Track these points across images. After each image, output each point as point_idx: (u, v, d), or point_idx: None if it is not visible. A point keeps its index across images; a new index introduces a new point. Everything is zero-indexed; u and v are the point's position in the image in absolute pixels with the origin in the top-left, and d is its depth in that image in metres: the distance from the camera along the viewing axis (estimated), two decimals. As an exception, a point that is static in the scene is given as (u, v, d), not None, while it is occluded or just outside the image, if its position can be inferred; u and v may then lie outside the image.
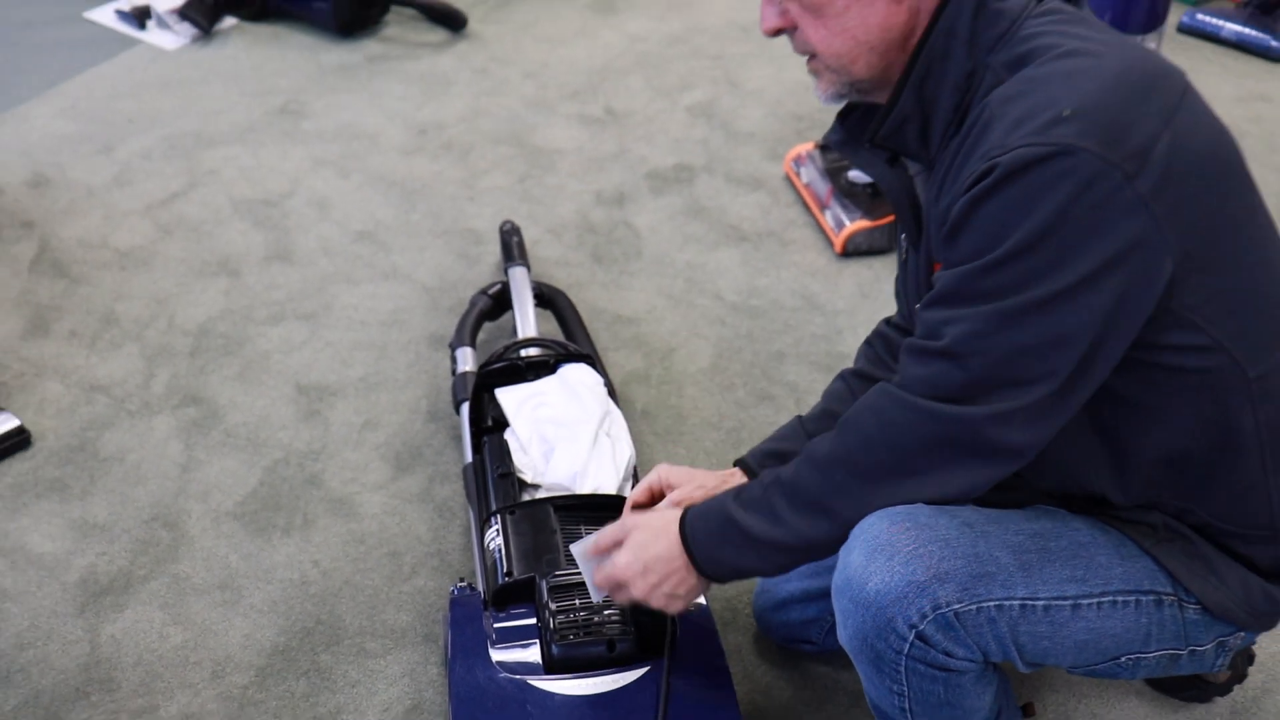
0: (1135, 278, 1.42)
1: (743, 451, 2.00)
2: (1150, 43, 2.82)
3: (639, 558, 1.72)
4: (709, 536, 1.68)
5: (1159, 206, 1.39)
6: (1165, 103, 1.43)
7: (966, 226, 1.46)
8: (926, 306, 1.53)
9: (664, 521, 1.73)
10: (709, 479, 1.91)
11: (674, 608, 1.76)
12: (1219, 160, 1.48)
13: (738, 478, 1.93)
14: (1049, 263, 1.40)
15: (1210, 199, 1.45)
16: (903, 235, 1.79)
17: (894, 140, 1.63)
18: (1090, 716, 2.10)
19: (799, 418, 1.99)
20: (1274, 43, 4.03)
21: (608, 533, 1.79)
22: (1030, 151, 1.38)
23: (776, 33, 1.64)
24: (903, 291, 1.87)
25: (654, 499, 1.92)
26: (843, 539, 1.59)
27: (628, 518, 1.81)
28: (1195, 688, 2.10)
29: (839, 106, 1.73)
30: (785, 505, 1.61)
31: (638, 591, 1.73)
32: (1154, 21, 2.79)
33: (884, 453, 1.56)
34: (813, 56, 1.63)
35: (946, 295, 1.49)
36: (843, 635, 1.63)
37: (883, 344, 1.98)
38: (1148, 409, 1.55)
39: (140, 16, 4.38)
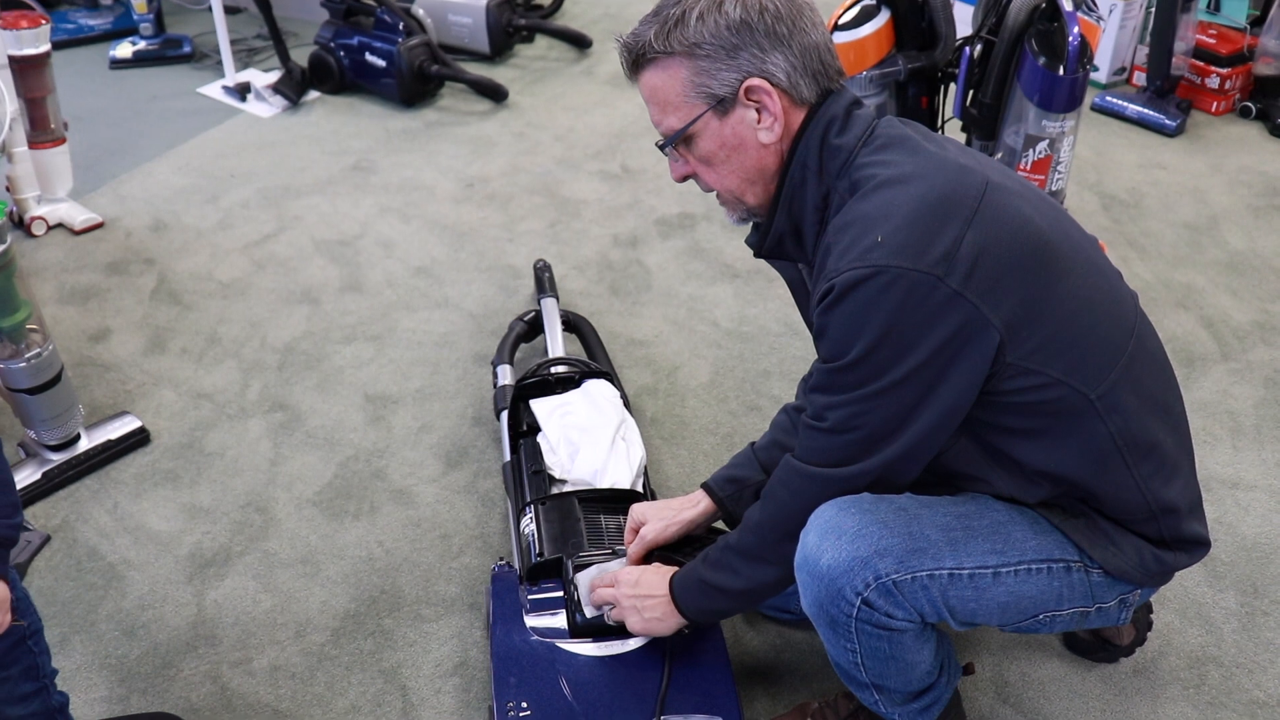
0: (968, 350, 1.48)
1: (736, 449, 2.03)
2: (1070, 120, 2.80)
3: (639, 594, 1.87)
4: (692, 598, 1.81)
5: (973, 293, 1.45)
6: (963, 211, 1.48)
7: (823, 334, 1.54)
8: (811, 391, 1.60)
9: (659, 578, 1.87)
10: (677, 505, 2.01)
11: (643, 628, 1.89)
12: (1021, 240, 1.51)
13: (700, 498, 2.01)
14: (893, 356, 1.49)
15: (1019, 272, 1.50)
16: None
17: (776, 251, 1.71)
18: (1020, 675, 2.08)
19: (752, 445, 2.04)
20: (1168, 121, 4.04)
21: (608, 579, 1.93)
22: (855, 274, 1.46)
23: (684, 179, 1.71)
24: None
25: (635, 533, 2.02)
26: (788, 578, 1.69)
27: (633, 573, 1.91)
28: (1105, 650, 2.10)
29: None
30: (739, 562, 1.74)
31: (627, 609, 1.87)
32: (1074, 103, 2.77)
33: (797, 512, 1.64)
34: (716, 193, 1.70)
35: (823, 387, 1.57)
36: (804, 603, 1.67)
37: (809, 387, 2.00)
38: (1024, 432, 1.60)
39: (242, 91, 4.39)
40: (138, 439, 2.65)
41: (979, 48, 2.83)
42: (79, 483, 2.54)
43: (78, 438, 2.58)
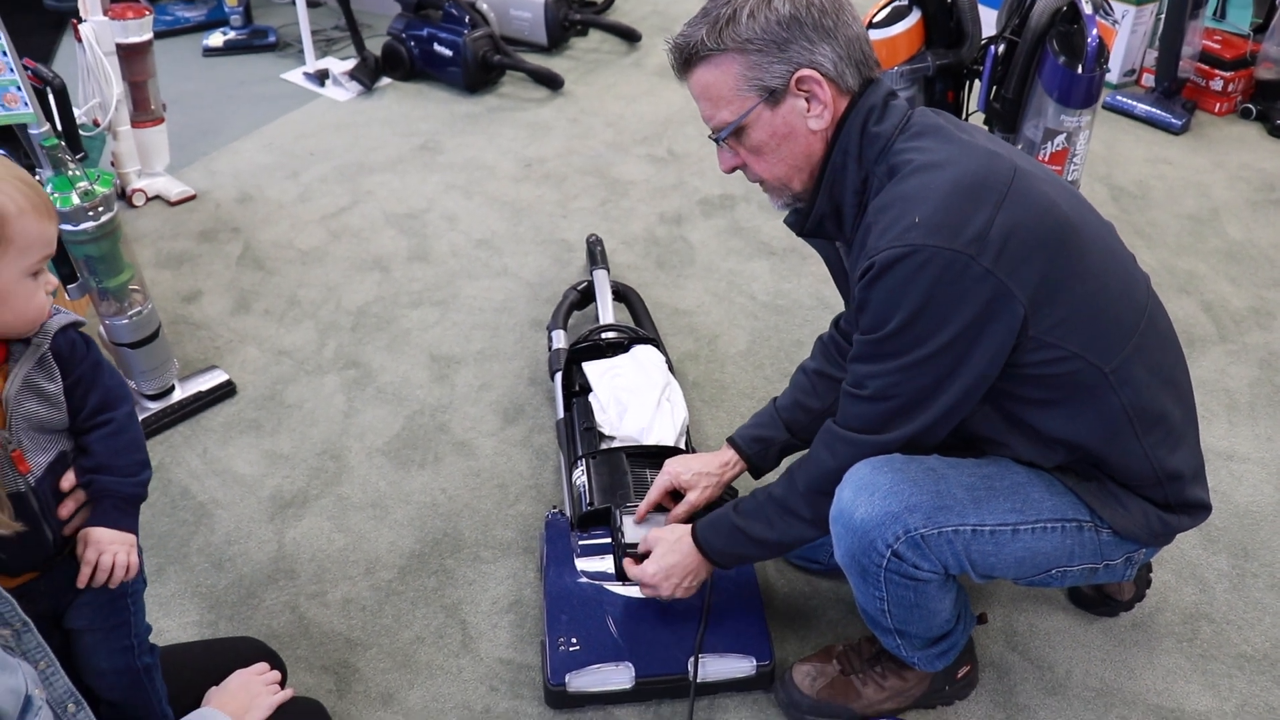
0: (995, 325, 1.47)
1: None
2: (1086, 116, 2.75)
3: (662, 567, 1.83)
4: (720, 540, 1.79)
5: (1002, 270, 1.44)
6: (994, 194, 1.46)
7: (865, 307, 1.52)
8: (852, 361, 1.59)
9: (676, 537, 1.84)
10: (716, 467, 2.00)
11: (688, 594, 1.85)
12: (1047, 222, 1.49)
13: (733, 458, 2.00)
14: (928, 329, 1.48)
15: (1044, 252, 1.48)
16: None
17: (817, 231, 1.68)
18: (1028, 625, 2.06)
19: (774, 402, 2.03)
20: (1174, 120, 3.96)
21: (634, 574, 1.89)
22: (893, 253, 1.45)
23: (732, 169, 1.68)
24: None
25: (669, 492, 2.00)
26: (816, 534, 1.70)
27: (655, 553, 1.87)
28: (1106, 605, 2.08)
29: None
30: (775, 514, 1.72)
31: (665, 592, 1.84)
32: (1091, 100, 2.72)
33: (835, 472, 1.63)
34: (762, 182, 1.67)
35: (863, 356, 1.56)
36: (837, 553, 1.67)
37: (832, 345, 1.98)
38: (1042, 402, 1.59)
39: (321, 77, 4.38)
40: (225, 391, 2.66)
41: (1003, 47, 2.79)
42: (173, 429, 2.56)
43: (172, 389, 2.59)
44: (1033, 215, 1.47)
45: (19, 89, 2.11)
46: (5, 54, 2.06)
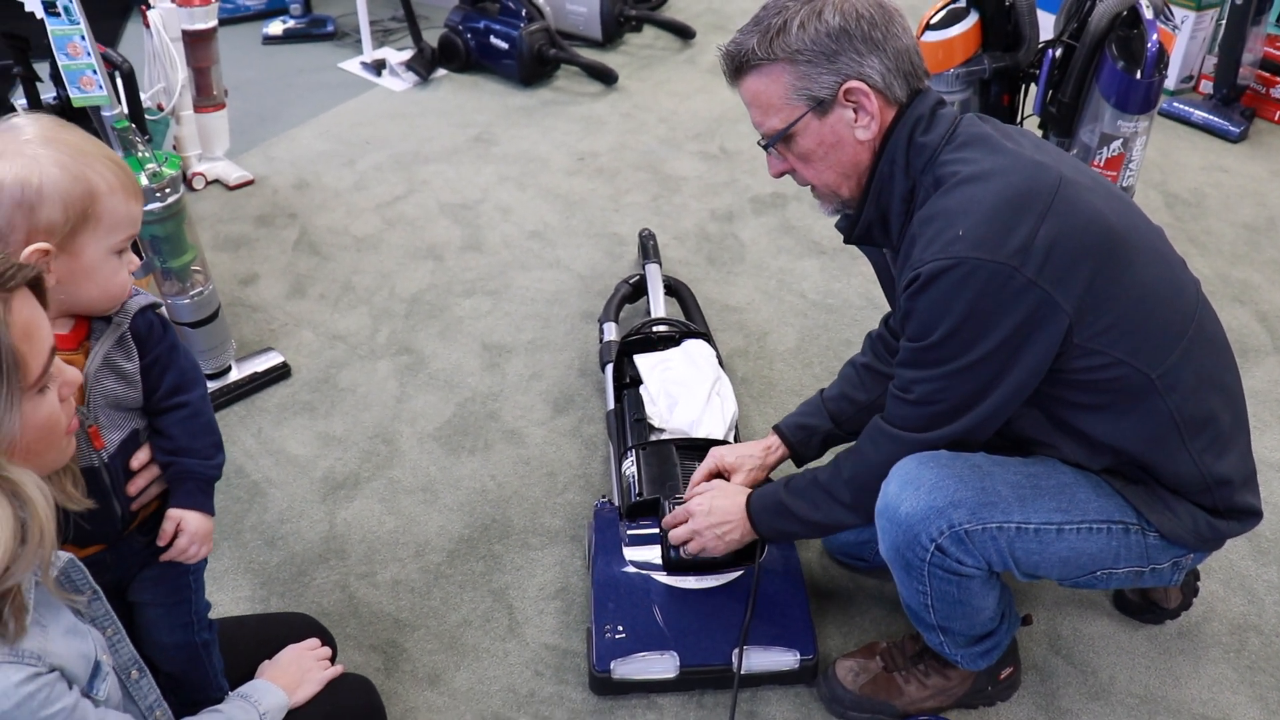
0: (1039, 334, 1.48)
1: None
2: (1144, 121, 2.73)
3: (709, 507, 1.88)
4: (768, 514, 1.82)
5: (1046, 281, 1.45)
6: (1038, 206, 1.46)
7: (911, 315, 1.54)
8: (899, 365, 1.61)
9: (733, 491, 1.90)
10: (760, 453, 2.03)
11: (718, 548, 1.88)
12: (1091, 232, 1.49)
13: (778, 444, 2.04)
14: (972, 338, 1.49)
15: (1089, 262, 1.48)
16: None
17: (864, 238, 1.70)
18: (1072, 629, 2.06)
19: (821, 394, 2.05)
20: (1231, 128, 3.92)
21: (680, 516, 1.93)
22: (938, 265, 1.46)
23: (781, 174, 1.70)
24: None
25: (713, 477, 2.02)
26: (859, 522, 1.72)
27: (703, 501, 1.91)
28: (1151, 612, 2.07)
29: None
30: (821, 498, 1.74)
31: (700, 527, 1.88)
32: (1149, 105, 2.70)
33: (880, 467, 1.64)
34: (811, 187, 1.69)
35: (909, 362, 1.58)
36: (882, 548, 1.68)
37: (881, 343, 2.00)
38: (1088, 407, 1.60)
39: (378, 66, 4.43)
40: (280, 373, 2.70)
41: (1060, 51, 2.77)
42: (229, 408, 2.60)
43: (229, 369, 2.63)
44: (1077, 225, 1.48)
45: (95, 72, 2.16)
46: (84, 38, 2.11)
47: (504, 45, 4.26)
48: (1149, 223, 1.63)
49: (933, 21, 2.80)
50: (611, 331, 2.67)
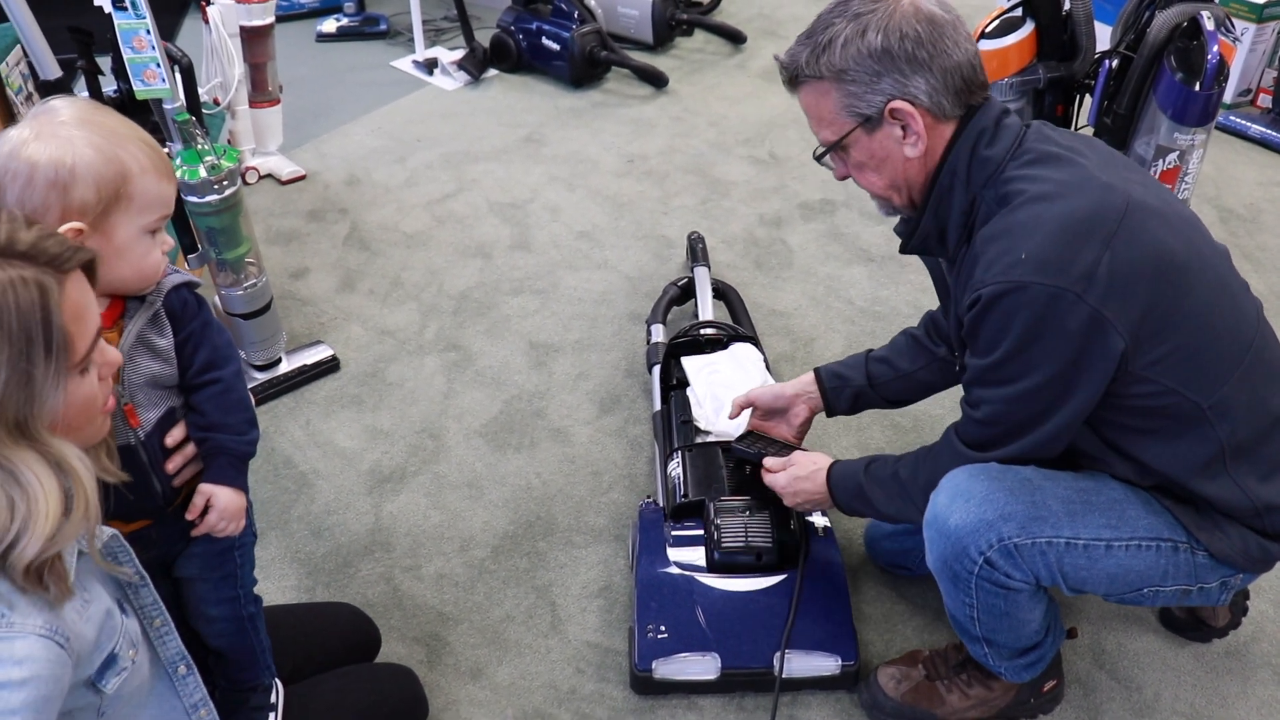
0: (1099, 361, 1.48)
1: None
2: (1201, 135, 2.70)
3: (792, 481, 1.93)
4: (846, 493, 1.85)
5: (1108, 310, 1.45)
6: (1103, 232, 1.46)
7: (973, 334, 1.56)
8: (967, 384, 1.63)
9: (813, 468, 1.91)
10: (787, 386, 2.13)
11: (804, 509, 1.99)
12: (1154, 261, 1.49)
13: (809, 381, 2.11)
14: (1033, 363, 1.50)
15: (1149, 292, 1.48)
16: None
17: (920, 248, 1.72)
18: (1117, 645, 2.04)
19: (869, 352, 2.11)
20: (1290, 142, 3.87)
21: (779, 464, 1.98)
22: (999, 288, 1.47)
23: (844, 178, 1.72)
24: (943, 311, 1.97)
25: (762, 414, 2.15)
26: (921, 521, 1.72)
27: (802, 467, 1.95)
28: (1198, 630, 2.05)
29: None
30: (894, 490, 1.76)
31: (787, 501, 1.95)
32: (1207, 118, 2.68)
33: (944, 473, 1.66)
34: (869, 192, 1.71)
35: (975, 380, 1.60)
36: (929, 558, 1.68)
37: (933, 324, 2.03)
38: (1138, 430, 1.59)
39: (430, 65, 4.46)
40: (329, 366, 2.73)
41: (1117, 61, 2.75)
42: (278, 400, 2.64)
43: (279, 360, 2.67)
44: (1141, 254, 1.47)
45: (158, 65, 2.20)
46: (149, 33, 2.15)
47: (555, 46, 4.28)
48: (1213, 245, 1.62)
49: (987, 30, 2.79)
50: (659, 333, 2.69)
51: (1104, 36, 2.86)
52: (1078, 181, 1.51)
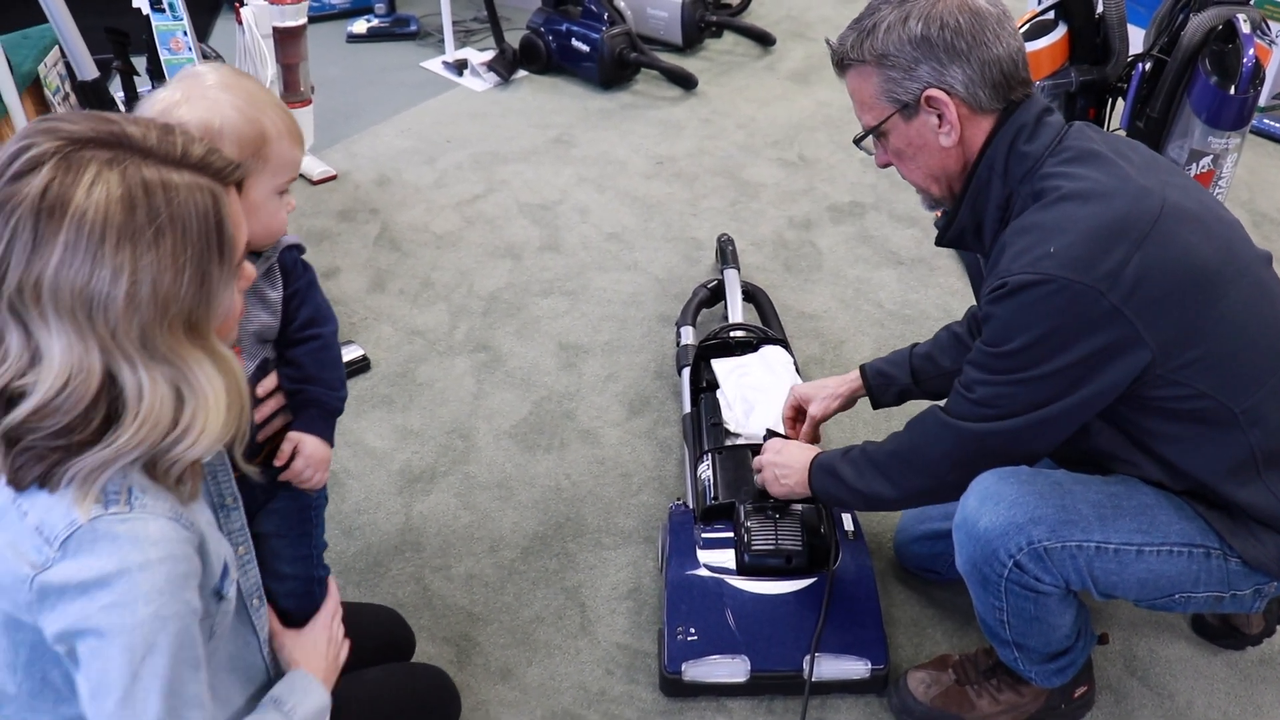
0: (1115, 362, 1.48)
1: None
2: (1235, 138, 2.69)
3: (773, 463, 1.94)
4: (820, 472, 1.84)
5: (1131, 310, 1.45)
6: (1134, 234, 1.46)
7: (989, 319, 1.55)
8: (967, 363, 1.62)
9: (799, 452, 1.92)
10: (834, 383, 2.11)
11: (781, 494, 1.94)
12: (1184, 267, 1.49)
13: (855, 379, 2.10)
14: (1045, 354, 1.50)
15: (1178, 297, 1.48)
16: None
17: (956, 241, 1.72)
18: (1149, 651, 2.03)
19: (912, 348, 2.09)
20: (1324, 145, 3.84)
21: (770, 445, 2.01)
22: (1025, 278, 1.47)
23: (885, 165, 1.74)
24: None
25: (797, 411, 2.13)
26: (900, 501, 1.76)
27: (778, 444, 1.99)
28: (1232, 637, 2.04)
29: None
30: (869, 470, 1.75)
31: (768, 475, 1.95)
32: (1242, 122, 2.67)
33: (922, 449, 1.68)
34: (910, 182, 1.72)
35: (977, 363, 1.59)
36: (959, 561, 1.68)
37: (973, 321, 2.02)
38: (1169, 435, 1.59)
39: (460, 66, 4.48)
40: (360, 365, 2.75)
41: (1150, 65, 2.74)
42: (310, 399, 2.65)
43: (311, 360, 2.68)
44: (1170, 259, 1.47)
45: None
46: (186, 34, 2.18)
47: (585, 48, 4.29)
48: (1253, 251, 1.61)
49: (1020, 33, 2.78)
50: (689, 335, 2.69)
51: (1137, 39, 2.85)
52: (1114, 182, 1.51)
